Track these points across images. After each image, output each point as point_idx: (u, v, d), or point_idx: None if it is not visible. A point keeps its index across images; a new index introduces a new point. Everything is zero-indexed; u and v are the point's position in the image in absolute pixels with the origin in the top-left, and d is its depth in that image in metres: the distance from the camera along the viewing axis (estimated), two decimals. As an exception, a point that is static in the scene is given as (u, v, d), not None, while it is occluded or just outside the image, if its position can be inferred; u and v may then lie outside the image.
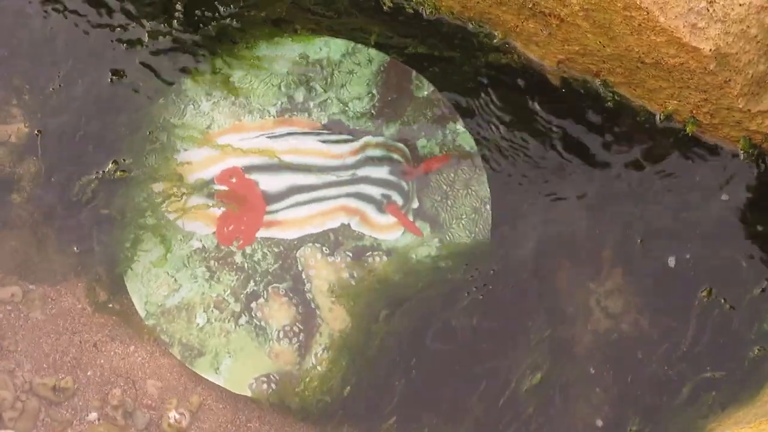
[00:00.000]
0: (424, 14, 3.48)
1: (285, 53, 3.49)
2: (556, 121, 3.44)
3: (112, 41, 3.48)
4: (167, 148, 3.42)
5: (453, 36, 3.46)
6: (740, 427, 3.13)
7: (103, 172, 3.40)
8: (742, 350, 3.29)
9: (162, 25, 3.48)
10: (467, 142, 3.44)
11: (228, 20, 3.49)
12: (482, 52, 3.45)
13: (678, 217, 3.38)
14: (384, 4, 3.47)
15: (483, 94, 3.46)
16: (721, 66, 3.15)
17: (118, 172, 3.39)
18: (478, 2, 3.35)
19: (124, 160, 3.41)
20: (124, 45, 3.48)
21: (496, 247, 3.38)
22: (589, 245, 3.38)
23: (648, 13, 3.12)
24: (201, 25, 3.49)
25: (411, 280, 3.34)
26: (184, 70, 3.47)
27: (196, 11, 3.49)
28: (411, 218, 3.40)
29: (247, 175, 3.40)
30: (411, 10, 3.48)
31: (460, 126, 3.45)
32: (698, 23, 3.11)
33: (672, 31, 3.12)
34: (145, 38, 3.48)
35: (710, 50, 3.12)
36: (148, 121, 3.44)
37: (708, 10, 3.10)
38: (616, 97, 3.39)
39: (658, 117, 3.38)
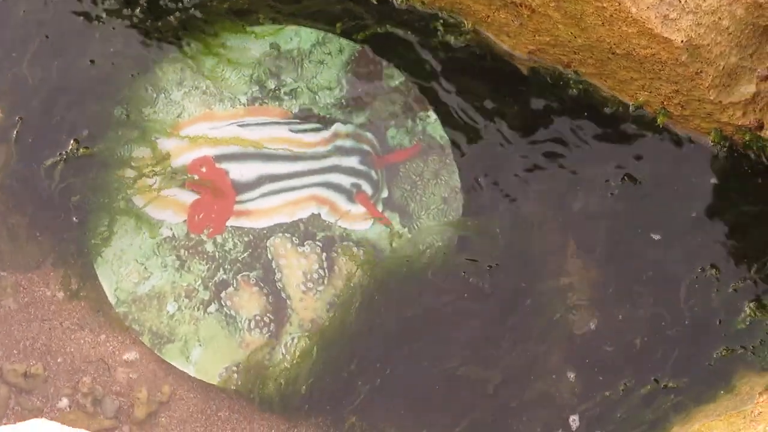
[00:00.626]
0: (395, 3, 3.47)
1: (255, 43, 3.48)
2: (526, 111, 3.43)
3: (83, 29, 3.48)
4: (138, 136, 3.41)
5: (422, 25, 3.46)
6: (710, 420, 3.14)
7: (67, 152, 3.39)
8: (710, 349, 3.29)
9: (127, 14, 3.47)
10: (437, 131, 3.44)
11: (192, 11, 3.49)
12: (452, 40, 3.45)
13: (648, 209, 3.37)
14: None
15: (453, 84, 3.45)
16: (692, 57, 3.14)
17: (81, 149, 3.38)
18: (449, -8, 3.36)
19: (88, 146, 3.40)
20: (97, 33, 3.47)
21: (467, 236, 3.38)
22: (558, 235, 3.37)
23: (619, 4, 3.11)
24: (165, 15, 3.48)
25: (381, 272, 3.34)
26: (155, 60, 3.47)
27: (160, 1, 3.50)
28: (380, 208, 3.40)
29: (217, 164, 3.40)
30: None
31: (431, 115, 3.45)
32: (670, 14, 3.10)
33: (643, 22, 3.11)
34: (113, 27, 3.48)
35: (682, 41, 3.11)
36: (118, 111, 3.43)
37: (680, 2, 3.09)
38: (585, 87, 3.38)
39: (630, 108, 3.38)
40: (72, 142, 3.39)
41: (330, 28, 3.49)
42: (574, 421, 3.26)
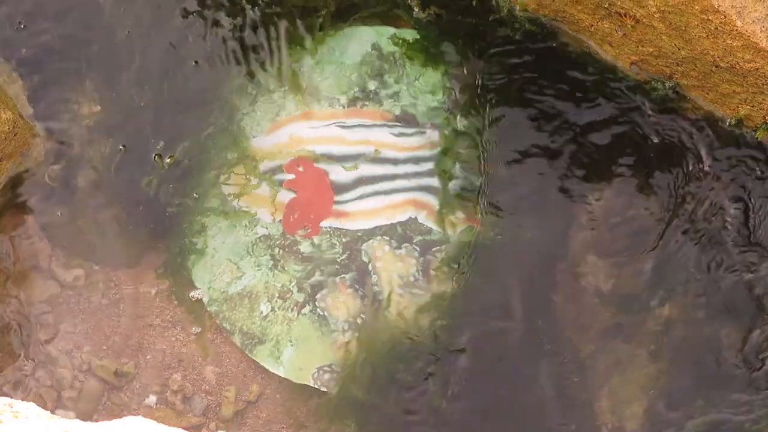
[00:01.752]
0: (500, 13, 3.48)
1: (358, 44, 3.49)
2: (622, 122, 3.44)
3: (187, 29, 3.49)
4: (237, 135, 3.41)
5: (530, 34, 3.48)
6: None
7: (169, 157, 3.39)
8: None
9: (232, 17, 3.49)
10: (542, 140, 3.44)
11: (293, 11, 3.50)
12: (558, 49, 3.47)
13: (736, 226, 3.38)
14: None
15: (554, 92, 3.45)
16: (796, 72, 3.16)
17: (168, 159, 3.39)
18: (553, 0, 3.35)
19: (185, 146, 3.41)
20: (199, 34, 3.48)
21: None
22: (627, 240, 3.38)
23: (725, 17, 3.11)
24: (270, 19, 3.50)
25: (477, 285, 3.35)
26: (256, 59, 3.47)
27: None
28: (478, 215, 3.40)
29: (316, 164, 3.40)
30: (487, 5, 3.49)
31: (533, 123, 3.45)
32: (775, 29, 3.11)
33: (749, 36, 3.12)
34: (215, 28, 3.49)
35: (786, 56, 3.13)
36: (218, 109, 3.43)
37: (785, 16, 3.11)
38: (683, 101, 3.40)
39: (728, 122, 3.38)
40: (174, 152, 3.40)
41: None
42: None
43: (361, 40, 3.49)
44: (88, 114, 3.43)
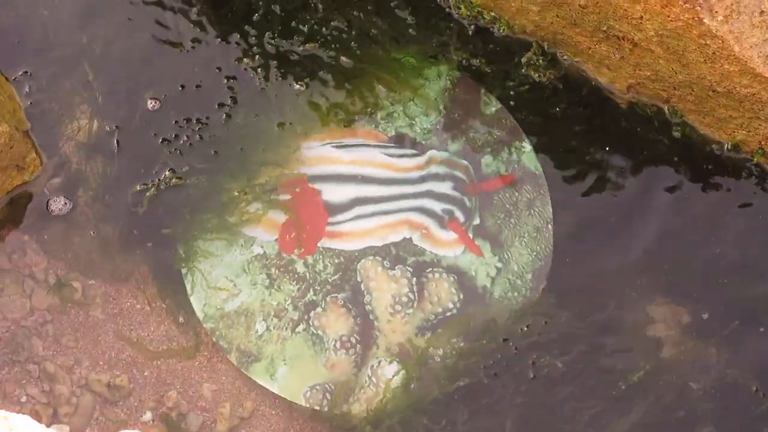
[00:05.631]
0: (496, 32, 3.48)
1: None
2: (621, 145, 3.42)
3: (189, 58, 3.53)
4: (235, 155, 3.44)
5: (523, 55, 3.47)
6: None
7: (163, 176, 3.42)
8: None
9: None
10: (532, 162, 3.44)
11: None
12: (552, 72, 3.46)
13: (749, 254, 3.36)
14: (459, 16, 3.47)
15: (549, 115, 3.45)
16: (793, 98, 3.13)
17: (174, 179, 3.41)
18: (551, 23, 3.35)
19: (182, 168, 3.43)
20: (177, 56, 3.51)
21: (557, 269, 3.38)
22: (647, 272, 3.36)
23: (723, 42, 3.10)
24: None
25: (471, 305, 3.35)
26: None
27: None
28: (471, 235, 3.40)
29: (310, 184, 3.42)
30: (482, 27, 3.49)
31: (526, 145, 3.45)
32: (772, 54, 3.10)
33: (746, 61, 3.10)
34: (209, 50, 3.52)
35: (783, 82, 3.11)
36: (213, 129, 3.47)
37: (783, 41, 3.09)
38: (683, 128, 3.38)
39: (725, 146, 3.36)
40: (167, 171, 3.42)
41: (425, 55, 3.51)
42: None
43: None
44: (87, 128, 3.47)
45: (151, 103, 3.47)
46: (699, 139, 3.39)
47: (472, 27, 3.48)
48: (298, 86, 3.48)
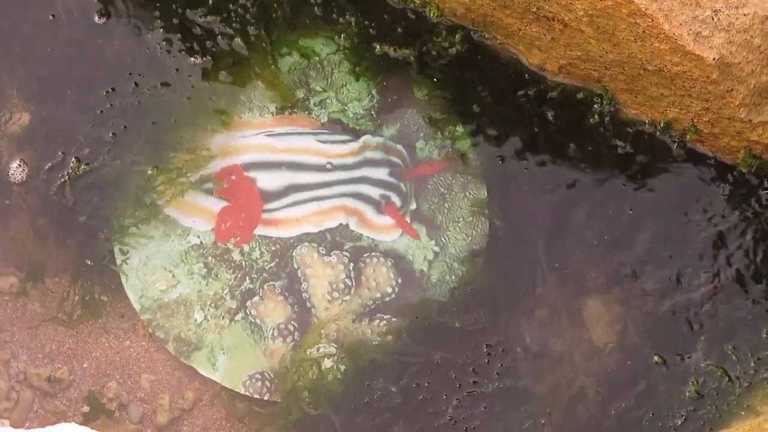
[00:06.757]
0: (429, 17, 3.47)
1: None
2: (554, 126, 3.42)
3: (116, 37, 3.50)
4: (168, 144, 3.42)
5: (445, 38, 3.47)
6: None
7: (94, 163, 3.40)
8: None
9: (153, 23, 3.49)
10: (466, 145, 3.43)
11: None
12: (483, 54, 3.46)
13: (672, 231, 3.38)
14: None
15: (482, 98, 3.45)
16: (723, 75, 3.13)
17: (82, 166, 3.38)
18: (481, 5, 3.34)
19: (113, 154, 3.41)
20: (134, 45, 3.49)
21: (493, 251, 3.39)
22: (584, 253, 3.37)
23: (653, 20, 3.10)
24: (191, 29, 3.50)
25: (409, 289, 3.36)
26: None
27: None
28: (408, 220, 3.40)
29: (245, 173, 3.41)
30: (414, 13, 3.48)
31: (459, 129, 3.44)
32: (702, 31, 3.09)
33: (676, 39, 3.11)
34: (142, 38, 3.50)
35: (713, 59, 3.10)
36: (149, 118, 3.44)
37: (713, 19, 3.09)
38: (614, 105, 3.38)
39: (657, 125, 3.37)
40: (75, 160, 3.40)
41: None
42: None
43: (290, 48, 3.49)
44: (18, 120, 3.44)
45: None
46: (628, 117, 3.40)
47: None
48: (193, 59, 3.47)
